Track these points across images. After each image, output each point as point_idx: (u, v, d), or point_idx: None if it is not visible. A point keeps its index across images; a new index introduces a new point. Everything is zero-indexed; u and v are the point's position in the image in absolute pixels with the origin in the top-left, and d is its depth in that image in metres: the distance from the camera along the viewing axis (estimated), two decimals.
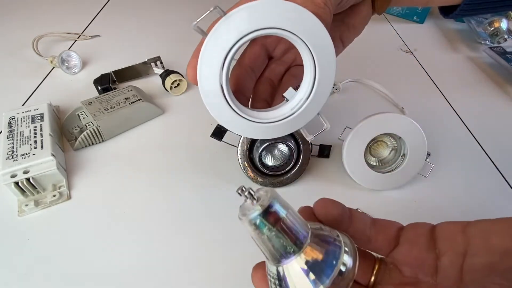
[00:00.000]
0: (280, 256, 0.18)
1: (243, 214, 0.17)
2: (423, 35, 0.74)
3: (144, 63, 0.55)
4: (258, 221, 0.17)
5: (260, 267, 0.22)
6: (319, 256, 0.18)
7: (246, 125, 0.26)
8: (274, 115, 0.27)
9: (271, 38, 0.30)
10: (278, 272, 0.18)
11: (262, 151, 0.38)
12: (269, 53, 0.31)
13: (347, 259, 0.18)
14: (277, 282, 0.18)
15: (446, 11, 0.35)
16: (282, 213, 0.17)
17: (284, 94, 0.27)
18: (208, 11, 0.22)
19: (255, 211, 0.17)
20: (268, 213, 0.17)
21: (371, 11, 0.32)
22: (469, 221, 0.21)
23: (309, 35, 0.24)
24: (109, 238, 0.35)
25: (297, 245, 0.18)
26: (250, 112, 0.27)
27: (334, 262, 0.17)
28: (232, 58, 0.24)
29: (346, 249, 0.19)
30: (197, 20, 0.22)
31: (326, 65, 0.25)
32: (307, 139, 0.28)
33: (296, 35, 0.23)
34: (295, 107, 0.26)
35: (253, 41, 0.30)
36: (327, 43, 0.24)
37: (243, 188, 0.17)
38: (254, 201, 0.17)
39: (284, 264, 0.18)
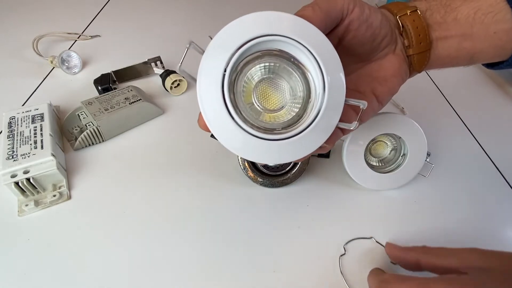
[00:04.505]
0: None
1: None
2: None
3: (144, 63, 0.55)
4: None
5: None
6: None
7: (257, 145, 0.23)
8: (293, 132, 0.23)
9: None
10: None
11: None
12: None
13: None
14: None
15: (491, 64, 0.33)
16: None
17: None
18: (186, 49, 0.22)
19: None
20: None
21: (405, 66, 0.30)
22: None
23: (295, 32, 0.23)
24: (109, 238, 0.35)
25: None
26: (264, 134, 0.23)
27: None
28: (229, 77, 0.22)
29: None
30: (180, 62, 0.22)
31: (327, 58, 0.23)
32: (351, 128, 0.25)
33: (283, 35, 0.23)
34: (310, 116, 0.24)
35: None
36: (320, 38, 0.23)
37: None
38: None
39: None
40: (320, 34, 0.23)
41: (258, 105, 0.25)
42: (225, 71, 0.22)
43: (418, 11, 0.29)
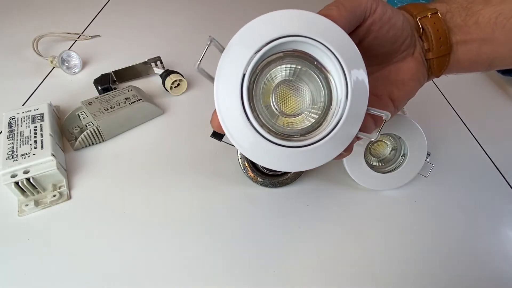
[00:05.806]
0: None
1: None
2: None
3: (144, 63, 0.55)
4: None
5: None
6: None
7: (275, 152, 0.22)
8: (311, 140, 0.23)
9: None
10: None
11: None
12: None
13: None
14: None
15: (508, 70, 0.32)
16: None
17: None
18: (206, 46, 0.21)
19: None
20: None
21: (424, 70, 0.29)
22: None
23: (321, 35, 0.21)
24: (109, 238, 0.35)
25: None
26: (281, 141, 0.22)
27: None
28: (249, 79, 0.21)
29: None
30: (199, 60, 0.20)
31: (352, 63, 0.22)
32: (372, 139, 0.24)
33: (309, 37, 0.21)
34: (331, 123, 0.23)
35: None
36: (346, 41, 0.22)
37: None
38: None
39: None
40: (346, 37, 0.22)
41: (275, 108, 0.24)
42: (245, 71, 0.21)
43: (438, 13, 0.28)
